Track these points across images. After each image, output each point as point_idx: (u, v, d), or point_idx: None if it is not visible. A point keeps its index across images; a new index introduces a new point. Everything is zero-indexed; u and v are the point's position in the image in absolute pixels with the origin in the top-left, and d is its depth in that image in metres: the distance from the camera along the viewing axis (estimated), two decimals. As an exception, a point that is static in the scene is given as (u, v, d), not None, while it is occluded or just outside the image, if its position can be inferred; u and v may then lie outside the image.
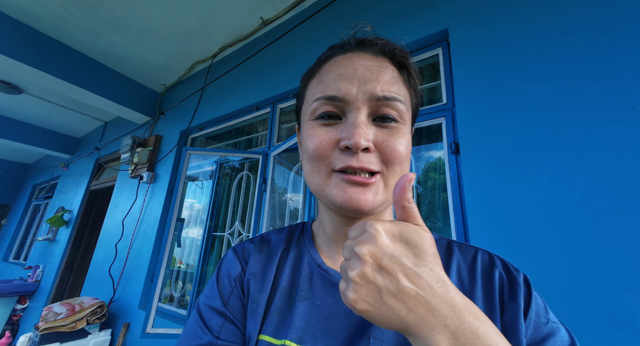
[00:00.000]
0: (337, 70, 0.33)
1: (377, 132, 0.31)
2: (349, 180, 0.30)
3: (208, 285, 0.39)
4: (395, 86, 0.32)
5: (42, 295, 3.01)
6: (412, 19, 1.25)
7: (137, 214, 2.33)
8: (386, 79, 0.32)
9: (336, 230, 0.37)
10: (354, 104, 0.31)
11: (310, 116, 0.34)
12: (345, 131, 0.31)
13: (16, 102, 3.16)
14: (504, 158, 0.89)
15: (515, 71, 0.93)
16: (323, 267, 0.37)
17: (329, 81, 0.33)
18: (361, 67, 0.32)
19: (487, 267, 0.34)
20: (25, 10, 1.88)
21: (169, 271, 2.07)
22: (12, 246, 4.62)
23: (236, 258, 0.40)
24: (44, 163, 4.91)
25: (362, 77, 0.32)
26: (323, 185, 0.32)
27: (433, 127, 1.20)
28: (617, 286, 0.65)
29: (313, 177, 0.33)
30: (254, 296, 0.36)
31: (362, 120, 0.31)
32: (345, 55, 0.35)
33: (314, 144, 0.32)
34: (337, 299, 0.34)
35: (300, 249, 0.40)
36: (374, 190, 0.30)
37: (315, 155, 0.32)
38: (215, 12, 1.83)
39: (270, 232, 0.45)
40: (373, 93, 0.31)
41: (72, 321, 1.72)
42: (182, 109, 2.45)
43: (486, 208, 0.88)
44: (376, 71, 0.32)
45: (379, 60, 0.34)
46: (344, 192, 0.30)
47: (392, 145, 0.31)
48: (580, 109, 0.80)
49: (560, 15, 0.89)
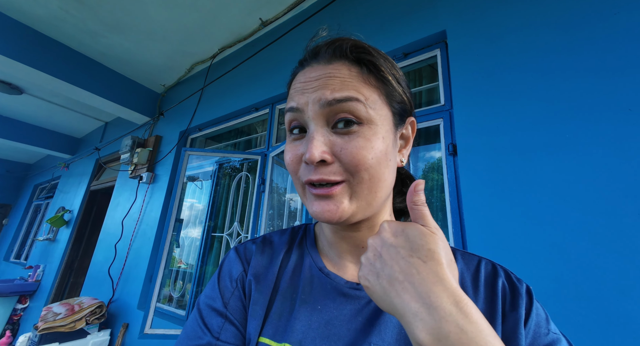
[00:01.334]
0: (294, 86, 0.34)
1: (336, 140, 0.30)
2: (314, 194, 0.31)
3: (209, 285, 0.39)
4: (349, 87, 0.30)
5: (43, 294, 3.02)
6: (410, 20, 1.25)
7: (136, 214, 2.34)
8: (336, 82, 0.30)
9: (334, 235, 0.38)
10: (308, 114, 0.31)
11: (288, 130, 0.35)
12: (304, 146, 0.31)
13: (17, 103, 3.17)
14: (501, 160, 0.89)
15: (512, 73, 0.93)
16: (324, 271, 0.37)
17: (292, 94, 0.34)
18: (312, 79, 0.32)
19: (491, 277, 0.34)
20: (25, 11, 1.89)
21: (168, 271, 2.08)
22: (13, 246, 4.64)
23: (238, 258, 0.40)
24: (45, 163, 4.93)
25: (312, 88, 0.31)
26: (302, 197, 0.34)
27: (431, 128, 1.20)
28: (614, 290, 0.65)
29: (296, 187, 0.35)
30: (255, 298, 0.36)
31: (317, 131, 0.30)
32: (301, 71, 0.35)
33: (287, 160, 0.34)
34: (338, 304, 0.33)
35: (302, 252, 0.40)
36: (336, 200, 0.30)
37: (289, 169, 0.34)
38: (214, 13, 1.83)
39: (272, 233, 0.45)
40: (322, 99, 0.30)
41: (72, 321, 1.73)
42: (181, 110, 2.45)
43: (483, 210, 0.88)
44: (324, 80, 0.31)
45: (331, 66, 0.32)
46: (313, 205, 0.32)
47: (351, 152, 0.29)
48: (577, 111, 0.80)
49: (558, 17, 0.89)
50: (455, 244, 0.96)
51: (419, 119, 1.18)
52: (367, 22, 1.41)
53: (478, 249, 0.86)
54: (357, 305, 0.33)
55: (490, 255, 0.84)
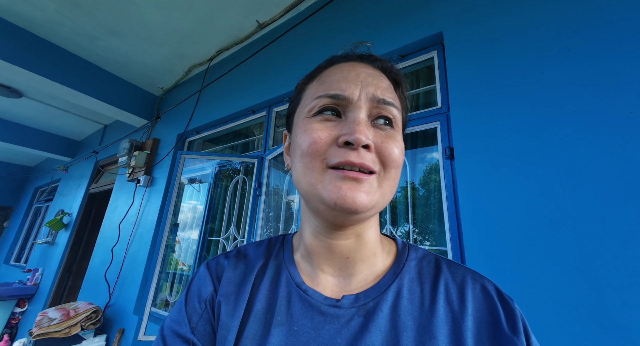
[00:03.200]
0: (341, 73, 0.34)
1: (375, 133, 0.31)
2: (343, 176, 0.29)
3: (176, 307, 0.36)
4: (392, 94, 0.34)
5: (41, 298, 3.01)
6: (406, 22, 1.24)
7: (134, 218, 2.32)
8: (385, 86, 0.34)
9: (318, 242, 0.35)
10: (356, 103, 0.31)
11: (308, 114, 0.33)
12: (346, 128, 0.30)
13: (17, 106, 3.18)
14: (498, 164, 0.86)
15: (510, 75, 0.91)
16: (302, 287, 0.34)
17: (331, 82, 0.33)
18: (363, 73, 0.34)
19: (480, 293, 0.32)
20: (23, 14, 1.89)
21: (165, 274, 2.06)
22: (14, 248, 4.63)
23: (209, 275, 0.37)
24: (45, 166, 4.94)
25: (365, 81, 0.33)
26: (316, 182, 0.30)
27: (428, 131, 1.18)
28: (614, 299, 0.62)
29: (305, 174, 0.31)
30: (224, 322, 0.33)
31: (363, 118, 0.31)
32: (348, 62, 0.36)
33: (311, 138, 0.31)
34: (315, 323, 0.31)
35: (278, 265, 0.37)
36: (367, 186, 0.29)
37: (310, 150, 0.30)
38: (211, 15, 1.83)
39: (248, 245, 0.42)
40: (374, 95, 0.32)
41: (67, 326, 1.71)
42: (179, 112, 2.44)
43: (481, 214, 0.86)
44: (377, 78, 0.34)
45: (377, 71, 0.36)
46: (339, 189, 0.28)
47: (390, 147, 0.31)
48: (576, 113, 0.77)
49: (556, 18, 0.87)
50: (453, 249, 0.94)
51: (416, 122, 1.16)
52: (363, 23, 1.40)
53: (475, 254, 0.84)
54: (337, 324, 0.30)
55: (487, 260, 0.81)
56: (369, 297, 0.32)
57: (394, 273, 0.34)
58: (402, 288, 0.33)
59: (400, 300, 0.32)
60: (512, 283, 0.75)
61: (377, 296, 0.32)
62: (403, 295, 0.32)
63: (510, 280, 0.76)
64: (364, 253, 0.34)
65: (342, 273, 0.35)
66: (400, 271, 0.34)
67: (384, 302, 0.31)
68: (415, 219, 1.17)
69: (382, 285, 0.33)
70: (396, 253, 0.37)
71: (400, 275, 0.34)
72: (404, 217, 1.20)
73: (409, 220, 1.18)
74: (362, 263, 0.34)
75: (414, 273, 0.34)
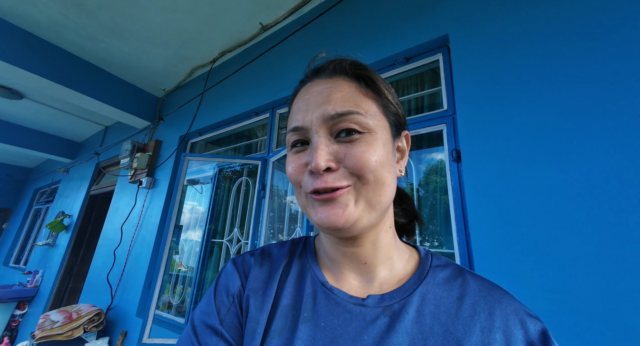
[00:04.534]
0: (297, 103, 0.35)
1: (339, 148, 0.31)
2: (319, 200, 0.31)
3: (205, 298, 0.37)
4: (350, 100, 0.32)
5: (41, 300, 2.99)
6: (411, 24, 1.24)
7: (136, 220, 2.32)
8: (338, 96, 0.32)
9: (334, 250, 0.37)
10: (312, 129, 0.32)
11: (288, 147, 0.36)
12: (310, 155, 0.32)
13: (18, 107, 3.17)
14: (506, 166, 0.87)
15: (517, 77, 0.92)
16: (327, 286, 0.35)
17: (292, 114, 0.35)
18: (314, 93, 0.34)
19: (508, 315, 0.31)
20: (26, 17, 1.89)
21: (168, 276, 2.05)
22: (13, 250, 4.61)
23: (236, 271, 0.39)
24: (45, 167, 4.92)
25: (315, 103, 0.33)
26: (306, 207, 0.33)
27: (434, 133, 1.18)
28: (627, 303, 0.62)
29: (298, 199, 0.35)
30: (253, 315, 0.34)
31: (322, 141, 0.31)
32: (304, 87, 0.37)
33: (289, 171, 0.34)
34: (342, 320, 0.32)
35: (303, 265, 0.39)
36: (342, 203, 0.30)
37: (292, 180, 0.34)
38: (214, 17, 1.83)
39: (271, 245, 0.43)
40: (324, 115, 0.32)
41: (69, 329, 1.70)
42: (182, 114, 2.44)
43: (489, 218, 0.86)
44: (327, 93, 0.33)
45: (331, 81, 0.34)
46: (318, 213, 0.31)
47: (355, 155, 0.30)
48: (584, 116, 0.78)
49: (563, 20, 0.88)
50: (461, 252, 0.94)
51: (421, 124, 1.16)
52: (367, 26, 1.40)
53: (483, 257, 0.84)
54: (363, 322, 0.32)
55: (495, 263, 0.81)
56: (395, 299, 0.33)
57: (419, 278, 0.35)
58: (428, 293, 0.33)
59: (426, 305, 0.32)
60: (522, 286, 0.75)
61: (403, 298, 0.33)
62: (429, 300, 0.33)
63: (519, 283, 0.76)
64: (380, 257, 0.36)
65: (363, 277, 0.36)
66: (425, 277, 0.35)
67: (409, 305, 0.32)
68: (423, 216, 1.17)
69: (407, 288, 0.34)
70: (419, 260, 0.38)
71: (425, 280, 0.35)
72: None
73: (414, 222, 1.18)
74: (380, 267, 0.36)
75: (440, 280, 0.35)
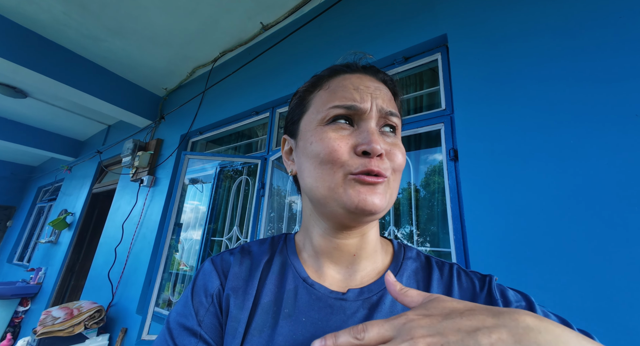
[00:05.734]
0: (351, 84, 0.36)
1: (384, 141, 0.34)
2: (363, 181, 0.32)
3: (181, 301, 0.37)
4: (393, 104, 0.37)
5: (44, 297, 3.02)
6: (410, 24, 1.24)
7: (137, 218, 2.33)
8: (387, 98, 0.37)
9: (326, 242, 0.37)
10: (369, 114, 0.34)
11: (321, 122, 0.35)
12: (362, 137, 0.33)
13: (22, 106, 3.21)
14: (503, 166, 0.87)
15: (514, 76, 0.92)
16: (308, 281, 0.36)
17: (344, 92, 0.35)
18: (372, 86, 0.37)
19: (464, 283, 0.36)
20: (30, 16, 1.91)
21: (168, 274, 2.07)
22: (17, 247, 4.66)
23: (214, 271, 0.38)
24: (49, 165, 4.97)
25: (374, 93, 0.36)
26: (336, 187, 0.32)
27: (432, 132, 1.18)
28: (623, 303, 0.62)
29: (324, 180, 0.33)
30: (233, 314, 0.34)
31: (375, 129, 0.34)
32: (354, 74, 0.38)
33: (330, 147, 0.33)
34: (323, 315, 0.33)
35: (284, 261, 0.39)
36: (382, 190, 0.32)
37: (330, 158, 0.32)
38: (216, 17, 1.84)
39: (251, 243, 0.43)
40: (383, 108, 0.35)
41: (70, 325, 1.72)
42: (183, 113, 2.46)
43: (485, 217, 0.86)
44: (383, 91, 0.37)
45: (380, 83, 0.38)
46: (359, 193, 0.31)
47: (396, 153, 0.34)
48: (581, 116, 0.78)
49: (561, 20, 0.87)
50: (457, 250, 0.94)
51: (420, 123, 1.16)
52: (367, 25, 1.41)
53: (479, 256, 0.84)
54: (343, 316, 0.33)
55: (492, 262, 0.82)
56: (373, 291, 0.35)
57: (394, 270, 0.38)
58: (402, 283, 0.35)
59: None
60: (517, 286, 0.76)
61: (380, 290, 0.35)
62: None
63: (515, 282, 0.76)
64: (367, 250, 0.38)
65: (347, 270, 0.37)
66: (400, 269, 0.38)
67: (386, 296, 0.34)
68: (419, 220, 1.18)
69: (384, 280, 0.36)
70: (393, 253, 0.40)
71: (400, 272, 0.37)
72: (407, 218, 1.20)
73: (412, 221, 1.18)
74: (366, 260, 0.38)
75: (411, 270, 0.38)
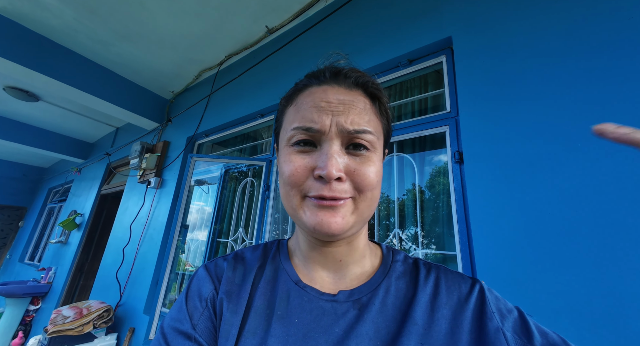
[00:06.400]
0: (313, 102, 0.35)
1: (349, 160, 0.33)
2: (319, 205, 0.32)
3: (175, 306, 0.37)
4: (366, 118, 0.34)
5: (54, 296, 3.08)
6: (415, 26, 1.24)
7: (144, 219, 2.37)
8: (357, 112, 0.34)
9: (311, 249, 0.38)
10: (328, 135, 0.33)
11: (287, 142, 0.35)
12: (320, 160, 0.32)
13: (34, 109, 3.29)
14: (509, 169, 0.86)
15: (520, 79, 0.91)
16: (300, 284, 0.37)
17: (305, 111, 0.34)
18: (335, 100, 0.34)
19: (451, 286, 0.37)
20: (42, 22, 1.96)
21: (174, 275, 2.09)
22: (28, 247, 4.77)
23: (208, 276, 0.39)
24: (59, 167, 5.07)
25: (336, 111, 0.34)
26: (297, 208, 0.34)
27: (437, 135, 1.18)
28: (629, 306, 0.61)
29: (288, 200, 0.35)
30: (227, 318, 0.34)
31: (335, 150, 0.33)
32: (321, 87, 0.36)
33: (290, 170, 0.33)
34: (314, 316, 0.34)
35: (276, 266, 0.40)
36: (343, 212, 0.32)
37: (290, 180, 0.33)
38: (222, 21, 1.87)
39: (245, 249, 0.44)
40: (344, 127, 0.33)
41: (80, 324, 1.75)
42: (189, 116, 2.49)
43: (491, 220, 0.86)
44: (348, 105, 0.34)
45: (352, 93, 0.36)
46: (316, 216, 0.32)
47: (364, 173, 0.33)
48: (588, 118, 0.77)
49: (567, 22, 0.87)
50: (462, 253, 0.94)
51: (424, 126, 1.16)
52: (371, 28, 1.41)
53: (485, 259, 0.84)
54: (334, 316, 0.34)
55: (497, 265, 0.81)
56: (363, 293, 0.36)
57: (383, 273, 0.38)
58: (391, 286, 0.37)
59: (389, 296, 0.36)
60: (524, 290, 0.75)
61: (370, 292, 0.36)
62: (391, 292, 0.36)
63: (521, 287, 0.75)
64: (355, 256, 0.39)
65: (336, 274, 0.38)
66: (388, 271, 0.39)
67: (375, 297, 0.35)
68: (424, 223, 1.17)
69: (373, 282, 0.37)
70: (382, 256, 0.41)
71: (389, 274, 0.38)
72: (412, 220, 1.20)
73: (416, 223, 1.18)
74: (353, 264, 0.39)
75: (399, 273, 0.39)
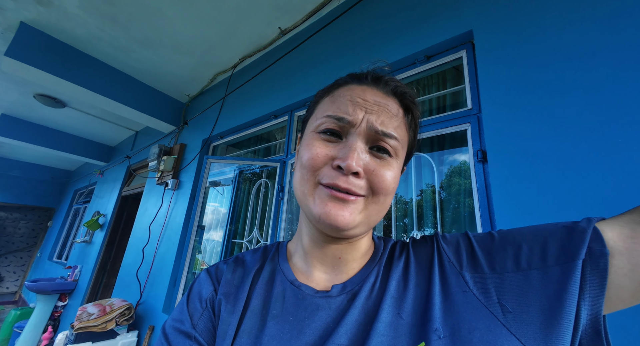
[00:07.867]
0: (350, 96, 0.36)
1: (370, 159, 0.34)
2: (331, 195, 0.32)
3: (177, 308, 0.39)
4: (395, 124, 0.35)
5: (80, 293, 3.23)
6: (432, 21, 1.20)
7: (162, 220, 2.43)
8: (389, 116, 0.35)
9: (313, 244, 0.38)
10: (357, 129, 0.34)
11: (315, 129, 0.36)
12: (342, 151, 0.33)
13: (61, 115, 3.47)
14: (538, 168, 0.81)
15: (548, 72, 0.86)
16: (295, 283, 0.37)
17: (341, 103, 0.35)
18: (371, 99, 0.35)
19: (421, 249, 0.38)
20: (68, 31, 2.06)
21: (191, 275, 2.13)
22: (56, 246, 5.03)
23: (209, 278, 0.41)
24: (84, 170, 5.33)
25: (370, 109, 0.34)
26: (308, 195, 0.34)
27: (456, 133, 1.13)
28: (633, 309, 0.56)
29: (301, 184, 0.35)
30: (224, 318, 0.36)
31: (359, 145, 0.33)
32: (360, 86, 0.37)
33: (310, 154, 0.34)
34: (309, 312, 0.34)
35: (274, 268, 0.41)
36: (352, 207, 0.32)
37: (307, 164, 0.34)
38: (235, 24, 1.89)
39: (245, 253, 0.46)
40: (373, 126, 0.34)
41: (103, 321, 1.81)
42: (204, 118, 2.54)
43: (518, 222, 0.81)
44: (383, 107, 0.35)
45: (388, 99, 0.37)
46: (325, 205, 0.32)
47: (382, 174, 0.33)
48: (629, 112, 0.71)
49: (600, 8, 0.81)
50: (487, 258, 0.89)
51: (444, 124, 1.12)
52: (386, 25, 1.38)
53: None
54: (328, 311, 0.34)
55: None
56: (355, 283, 0.36)
57: (373, 261, 0.39)
58: (380, 272, 0.37)
59: (378, 282, 0.36)
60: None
61: (362, 281, 0.36)
62: (381, 278, 0.36)
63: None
64: (355, 255, 0.39)
65: (334, 270, 0.38)
66: (380, 259, 0.39)
67: (366, 284, 0.36)
68: (443, 224, 1.13)
69: (364, 272, 0.37)
70: (373, 245, 0.42)
71: (379, 262, 0.39)
72: (431, 220, 1.16)
73: (435, 224, 1.14)
74: (353, 262, 0.39)
75: (386, 258, 0.39)
